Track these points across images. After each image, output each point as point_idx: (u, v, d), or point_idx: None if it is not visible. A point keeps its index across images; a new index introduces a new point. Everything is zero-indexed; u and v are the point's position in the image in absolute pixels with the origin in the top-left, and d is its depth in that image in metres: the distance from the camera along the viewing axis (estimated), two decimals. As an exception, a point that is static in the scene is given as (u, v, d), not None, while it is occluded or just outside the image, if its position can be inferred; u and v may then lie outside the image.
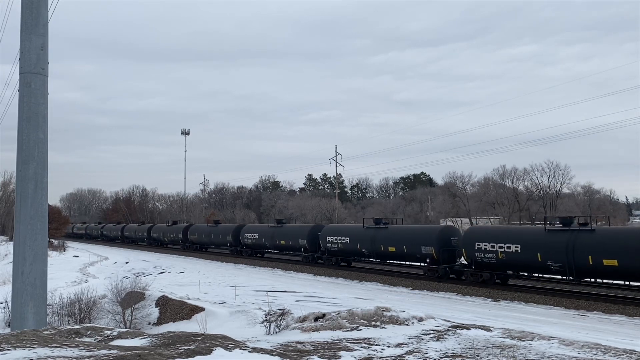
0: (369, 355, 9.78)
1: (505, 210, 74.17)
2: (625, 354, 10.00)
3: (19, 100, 10.52)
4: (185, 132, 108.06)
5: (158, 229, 68.61)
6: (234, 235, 48.86)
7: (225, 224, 58.63)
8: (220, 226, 54.42)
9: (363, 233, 33.95)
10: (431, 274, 28.86)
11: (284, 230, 42.48)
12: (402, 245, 30.69)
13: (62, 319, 19.68)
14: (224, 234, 50.85)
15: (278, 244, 42.37)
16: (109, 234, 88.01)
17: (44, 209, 10.57)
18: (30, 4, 10.57)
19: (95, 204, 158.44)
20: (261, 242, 44.56)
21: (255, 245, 45.88)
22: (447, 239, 29.00)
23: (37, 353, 6.20)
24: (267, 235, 43.68)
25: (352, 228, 37.38)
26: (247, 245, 47.01)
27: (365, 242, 33.34)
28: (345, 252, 35.37)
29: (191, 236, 57.61)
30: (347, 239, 34.66)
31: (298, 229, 42.56)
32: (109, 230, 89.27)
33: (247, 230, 47.68)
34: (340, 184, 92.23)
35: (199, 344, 7.55)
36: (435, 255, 28.47)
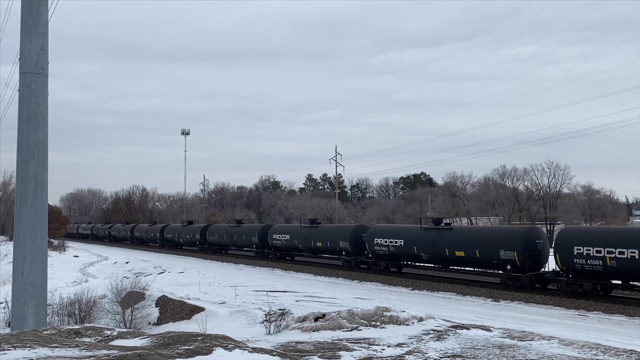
0: (369, 355, 9.78)
1: (505, 210, 74.19)
2: (625, 354, 10.00)
3: (19, 100, 10.52)
4: (185, 132, 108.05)
5: (172, 230, 64.28)
6: (260, 236, 44.84)
7: (250, 224, 54.50)
8: (244, 226, 50.44)
9: (421, 235, 29.97)
10: (512, 283, 25.25)
11: (320, 231, 38.66)
12: (474, 250, 26.57)
13: (62, 319, 19.69)
14: (248, 235, 46.89)
15: (313, 246, 38.69)
16: (118, 234, 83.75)
17: (44, 209, 10.57)
18: (30, 4, 10.57)
19: (95, 204, 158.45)
20: (292, 243, 40.69)
21: (286, 247, 41.89)
22: (532, 242, 25.07)
23: (37, 353, 6.20)
24: (299, 237, 39.90)
25: (407, 229, 33.39)
26: (276, 247, 42.93)
27: (424, 246, 29.35)
28: (397, 256, 31.44)
29: (210, 237, 53.58)
30: (401, 242, 30.79)
31: (338, 229, 38.51)
32: (117, 230, 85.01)
33: (276, 231, 43.38)
34: (340, 184, 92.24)
35: (199, 344, 7.54)
36: (518, 262, 24.62)
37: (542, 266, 25.56)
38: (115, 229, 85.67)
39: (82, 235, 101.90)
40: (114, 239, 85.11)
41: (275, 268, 39.32)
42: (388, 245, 31.80)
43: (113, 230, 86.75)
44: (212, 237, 53.55)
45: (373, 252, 32.99)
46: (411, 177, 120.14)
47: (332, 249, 36.87)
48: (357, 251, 35.11)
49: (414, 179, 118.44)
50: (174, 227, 65.15)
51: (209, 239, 53.99)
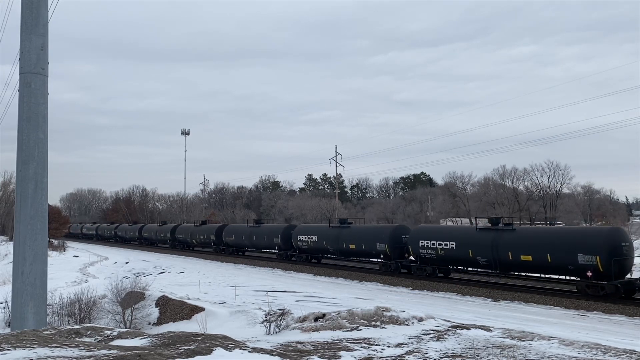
0: (369, 355, 9.77)
1: (505, 210, 74.16)
2: (625, 354, 10.00)
3: (19, 100, 10.52)
4: (185, 132, 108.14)
5: (185, 230, 60.34)
6: (284, 238, 41.61)
7: (271, 224, 51.38)
8: (265, 226, 47.04)
9: (477, 236, 27.09)
10: (593, 292, 22.06)
11: (353, 231, 35.50)
12: (545, 253, 23.46)
13: (62, 319, 19.69)
14: (270, 236, 43.57)
15: (345, 249, 35.38)
16: (124, 235, 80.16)
17: (44, 209, 10.57)
18: (30, 4, 10.57)
19: (95, 204, 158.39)
20: (320, 245, 37.32)
21: (313, 249, 38.52)
22: (617, 244, 21.86)
23: (37, 353, 6.20)
24: (329, 238, 36.70)
25: (460, 230, 31.48)
26: (302, 250, 39.52)
27: (482, 249, 26.35)
28: (447, 260, 28.52)
29: (227, 238, 50.17)
30: (453, 244, 27.55)
31: (374, 230, 35.27)
32: (124, 230, 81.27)
33: (301, 232, 40.03)
34: (340, 184, 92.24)
35: (199, 344, 7.55)
36: (601, 267, 21.53)
37: (627, 272, 22.65)
38: (122, 229, 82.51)
39: (87, 236, 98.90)
40: (120, 240, 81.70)
41: (275, 268, 39.30)
42: (436, 247, 28.53)
43: (120, 230, 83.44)
44: (228, 238, 50.04)
45: (417, 255, 29.73)
46: (411, 177, 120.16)
47: (367, 251, 33.64)
48: (398, 254, 31.74)
49: (414, 179, 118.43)
50: (186, 228, 61.20)
51: (225, 239, 50.51)
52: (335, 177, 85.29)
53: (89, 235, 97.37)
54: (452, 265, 29.08)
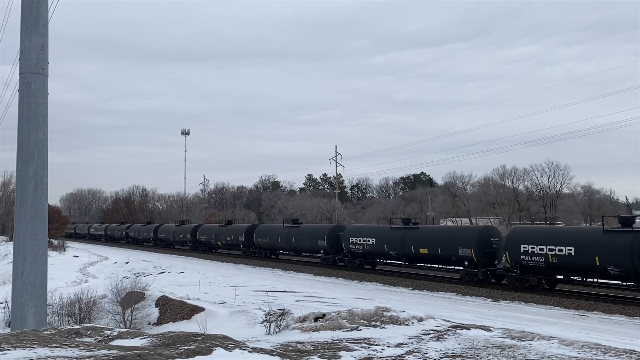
0: (369, 355, 9.78)
1: (505, 210, 74.18)
2: (625, 354, 10.00)
3: (19, 100, 10.52)
4: (185, 132, 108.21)
5: (206, 231, 55.30)
6: (330, 240, 36.78)
7: (313, 225, 46.94)
8: (305, 227, 41.87)
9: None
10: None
11: (424, 234, 30.36)
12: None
13: (62, 319, 19.69)
14: (313, 238, 38.47)
15: (414, 254, 30.22)
16: (137, 236, 74.95)
17: (44, 209, 10.57)
18: (30, 4, 10.57)
19: (95, 204, 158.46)
20: (380, 249, 32.53)
21: (369, 253, 33.49)
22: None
23: (37, 353, 6.20)
24: (391, 241, 31.54)
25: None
26: (354, 254, 34.40)
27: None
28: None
29: (259, 239, 45.29)
30: (572, 249, 22.74)
31: (456, 232, 30.32)
32: (136, 231, 75.86)
33: (354, 233, 34.86)
34: (340, 184, 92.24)
35: (199, 344, 7.55)
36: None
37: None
38: (135, 230, 76.86)
39: (94, 237, 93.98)
40: (132, 241, 76.43)
41: (275, 268, 39.29)
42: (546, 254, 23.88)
43: (132, 231, 77.95)
44: (261, 240, 44.95)
45: (518, 264, 24.99)
46: (411, 177, 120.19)
47: (446, 256, 28.45)
48: (487, 261, 27.02)
49: (414, 179, 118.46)
50: (209, 228, 55.70)
51: (257, 241, 45.39)
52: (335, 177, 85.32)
53: (97, 236, 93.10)
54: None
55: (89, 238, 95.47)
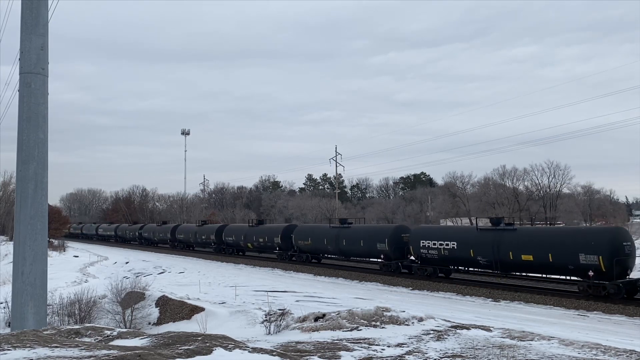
0: (369, 355, 9.77)
1: (505, 210, 74.17)
2: (625, 354, 10.00)
3: (19, 100, 10.52)
4: (185, 132, 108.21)
5: (233, 231, 49.99)
6: (393, 243, 31.48)
7: (369, 225, 42.18)
8: (359, 228, 36.79)
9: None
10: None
11: (527, 237, 24.86)
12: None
13: (62, 319, 19.69)
14: (370, 240, 33.08)
15: (512, 261, 24.87)
16: (152, 236, 68.95)
17: (44, 209, 10.57)
18: (30, 4, 10.57)
19: (95, 204, 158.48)
20: (463, 254, 27.27)
21: (447, 259, 28.33)
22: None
23: (37, 353, 6.20)
24: (480, 246, 26.28)
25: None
26: (426, 260, 29.28)
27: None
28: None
29: (299, 241, 39.85)
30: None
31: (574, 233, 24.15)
32: (151, 232, 69.48)
33: (426, 236, 29.71)
34: (340, 184, 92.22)
35: (199, 344, 7.55)
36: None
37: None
38: (149, 230, 71.37)
39: (103, 237, 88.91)
40: (146, 242, 71.04)
41: (275, 268, 39.29)
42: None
43: (146, 231, 72.34)
44: (302, 242, 39.68)
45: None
46: (411, 177, 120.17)
47: (561, 265, 23.14)
48: (619, 271, 21.56)
49: (414, 179, 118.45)
50: (237, 229, 50.36)
51: (297, 244, 40.13)
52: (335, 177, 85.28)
53: (106, 237, 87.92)
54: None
55: (97, 239, 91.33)
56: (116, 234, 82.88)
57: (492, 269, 26.32)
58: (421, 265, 29.82)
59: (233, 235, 49.73)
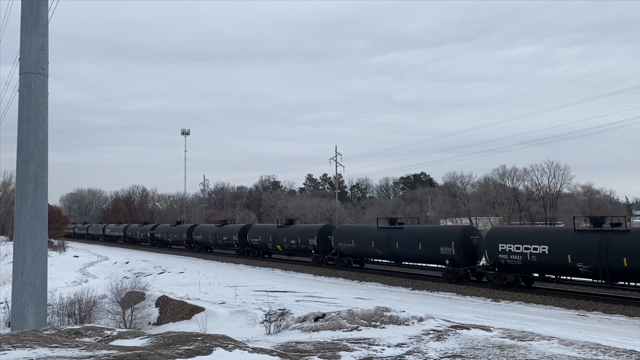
0: (369, 355, 9.77)
1: (505, 210, 74.19)
2: (625, 354, 9.99)
3: (19, 100, 10.52)
4: (185, 132, 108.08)
5: (260, 232, 45.88)
6: (460, 246, 27.63)
7: (426, 226, 38.42)
8: (414, 228, 33.52)
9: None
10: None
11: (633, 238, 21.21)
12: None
13: (62, 319, 19.69)
14: (431, 244, 29.20)
15: (627, 268, 21.00)
16: (165, 237, 65.00)
17: (44, 209, 10.57)
18: (30, 4, 10.57)
19: (95, 204, 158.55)
20: (558, 260, 23.30)
21: (535, 266, 24.48)
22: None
23: (37, 353, 6.20)
24: (580, 251, 22.55)
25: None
26: (507, 267, 25.41)
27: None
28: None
29: (340, 243, 35.84)
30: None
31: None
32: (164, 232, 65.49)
33: (507, 239, 25.57)
34: (340, 184, 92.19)
35: (199, 344, 7.55)
36: None
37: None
38: (163, 231, 66.58)
39: (110, 238, 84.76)
40: (159, 244, 66.61)
41: (275, 268, 39.27)
42: None
43: (158, 232, 67.93)
44: (343, 244, 35.94)
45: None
46: (411, 177, 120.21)
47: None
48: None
49: (414, 179, 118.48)
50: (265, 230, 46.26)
51: (337, 246, 36.29)
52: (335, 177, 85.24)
53: (113, 238, 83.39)
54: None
55: (104, 240, 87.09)
56: (125, 234, 78.16)
57: (596, 277, 22.45)
58: (499, 273, 25.81)
59: (259, 237, 45.54)
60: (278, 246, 42.80)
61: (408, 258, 31.95)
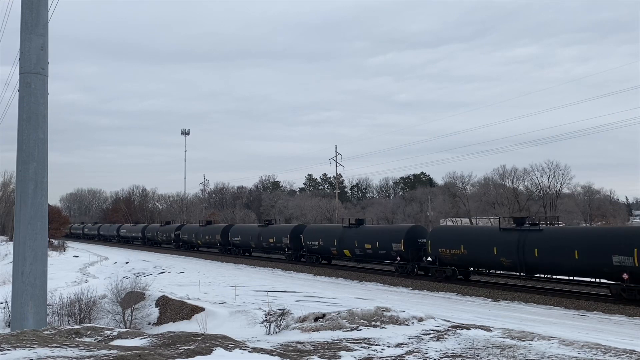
0: (369, 355, 9.77)
1: (505, 210, 74.17)
2: (625, 354, 9.99)
3: (19, 100, 10.51)
4: (185, 132, 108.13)
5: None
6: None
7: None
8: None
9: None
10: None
11: None
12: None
13: (62, 319, 19.68)
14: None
15: None
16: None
17: (44, 209, 10.56)
18: (30, 4, 10.57)
19: (95, 204, 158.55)
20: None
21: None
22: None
23: (37, 353, 6.20)
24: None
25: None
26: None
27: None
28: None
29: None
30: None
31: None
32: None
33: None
34: (340, 184, 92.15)
35: (199, 344, 7.54)
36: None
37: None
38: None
39: (126, 239, 78.01)
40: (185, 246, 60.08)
41: (275, 268, 39.25)
42: None
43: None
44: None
45: None
46: (411, 177, 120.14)
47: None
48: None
49: (414, 179, 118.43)
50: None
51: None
52: (335, 177, 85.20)
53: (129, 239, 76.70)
54: None
55: (119, 241, 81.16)
56: (144, 236, 71.76)
57: None
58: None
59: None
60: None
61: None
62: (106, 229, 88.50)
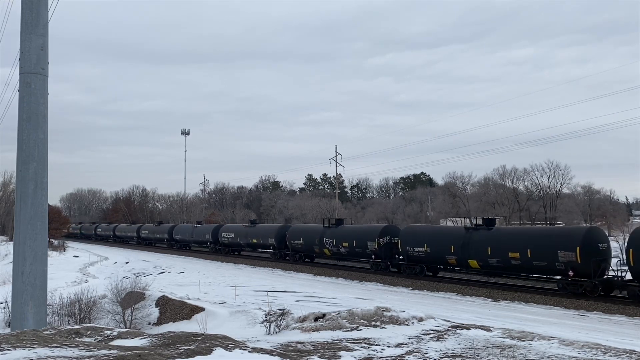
0: (369, 355, 9.77)
1: (505, 210, 74.17)
2: (625, 354, 9.99)
3: (19, 100, 10.51)
4: (185, 132, 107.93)
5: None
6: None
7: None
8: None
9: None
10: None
11: None
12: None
13: (62, 319, 19.66)
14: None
15: None
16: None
17: (44, 209, 10.56)
18: (30, 4, 10.56)
19: (95, 204, 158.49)
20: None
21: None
22: None
23: (37, 353, 6.20)
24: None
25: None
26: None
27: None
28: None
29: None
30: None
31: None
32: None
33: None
34: (340, 184, 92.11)
35: (199, 344, 7.54)
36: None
37: None
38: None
39: (149, 241, 69.86)
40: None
41: (275, 268, 39.26)
42: None
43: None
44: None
45: None
46: (411, 177, 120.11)
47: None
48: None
49: (414, 179, 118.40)
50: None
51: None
52: (335, 177, 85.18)
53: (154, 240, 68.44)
54: None
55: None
56: (172, 237, 63.31)
57: None
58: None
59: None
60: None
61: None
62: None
